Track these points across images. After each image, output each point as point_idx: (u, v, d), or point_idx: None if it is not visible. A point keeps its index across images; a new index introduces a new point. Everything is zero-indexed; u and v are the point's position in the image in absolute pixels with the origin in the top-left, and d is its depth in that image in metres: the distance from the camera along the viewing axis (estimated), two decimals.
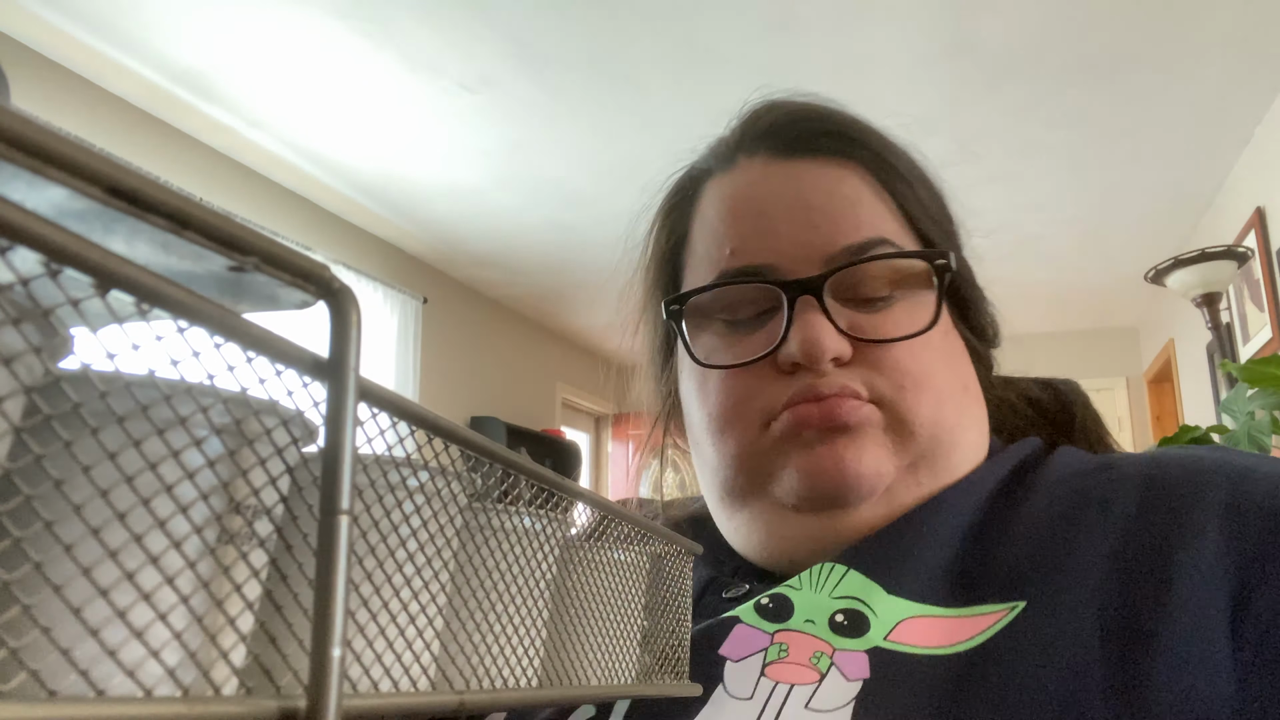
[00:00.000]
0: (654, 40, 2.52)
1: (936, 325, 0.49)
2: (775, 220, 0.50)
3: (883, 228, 0.50)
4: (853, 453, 0.47)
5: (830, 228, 0.49)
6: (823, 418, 0.47)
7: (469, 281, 4.69)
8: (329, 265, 1.23)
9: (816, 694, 0.40)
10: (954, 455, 0.50)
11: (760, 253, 0.50)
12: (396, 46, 2.56)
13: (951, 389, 0.50)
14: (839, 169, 0.51)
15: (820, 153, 0.52)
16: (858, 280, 0.49)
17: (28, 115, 0.14)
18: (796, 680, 0.41)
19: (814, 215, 0.50)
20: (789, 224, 0.50)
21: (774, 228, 0.50)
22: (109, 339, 0.16)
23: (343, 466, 0.19)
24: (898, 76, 2.68)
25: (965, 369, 0.53)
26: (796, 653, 0.42)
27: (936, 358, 0.50)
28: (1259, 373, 1.76)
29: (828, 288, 0.48)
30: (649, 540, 0.40)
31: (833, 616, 0.44)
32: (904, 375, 0.48)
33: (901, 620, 0.42)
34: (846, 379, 0.48)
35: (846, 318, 0.49)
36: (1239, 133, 3.06)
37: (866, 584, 0.45)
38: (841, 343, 0.48)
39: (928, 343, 0.49)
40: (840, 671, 0.41)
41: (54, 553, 0.16)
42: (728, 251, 0.51)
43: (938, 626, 0.41)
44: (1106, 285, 4.66)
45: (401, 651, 0.24)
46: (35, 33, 2.48)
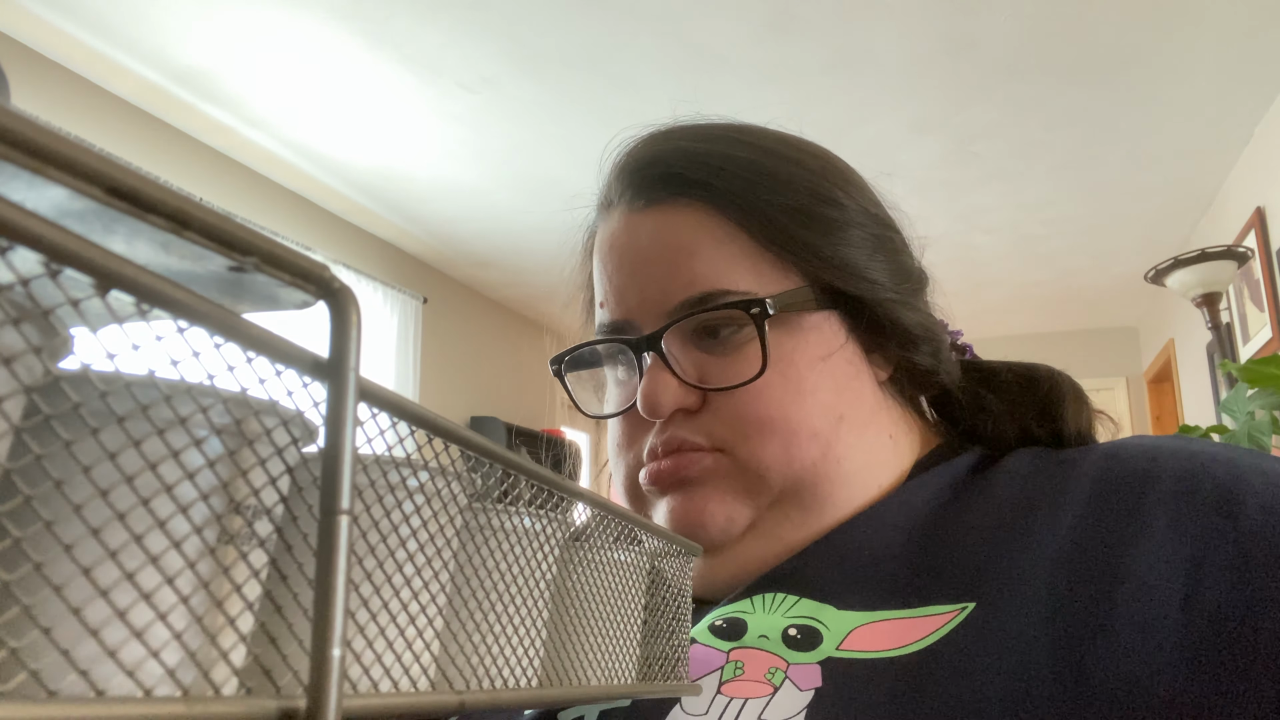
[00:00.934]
0: (654, 40, 2.52)
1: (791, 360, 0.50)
2: (627, 276, 0.53)
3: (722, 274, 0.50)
4: (697, 504, 0.50)
5: (667, 282, 0.51)
6: (668, 473, 0.50)
7: (469, 281, 4.69)
8: (329, 265, 1.23)
9: (769, 706, 0.40)
10: (829, 488, 0.50)
11: (618, 308, 0.54)
12: (396, 46, 2.56)
13: (813, 424, 0.49)
14: (678, 215, 0.52)
15: (664, 201, 0.53)
16: (703, 324, 0.51)
17: (28, 115, 0.14)
18: (751, 694, 0.41)
19: (654, 270, 0.52)
20: (635, 280, 0.53)
21: (626, 284, 0.53)
22: (109, 339, 0.16)
23: (343, 466, 0.19)
24: (898, 76, 2.68)
25: (845, 397, 0.51)
26: (752, 669, 0.43)
27: (791, 395, 0.50)
28: (1259, 373, 1.76)
29: (671, 340, 0.51)
30: (649, 540, 0.40)
31: (786, 631, 0.44)
32: (747, 422, 0.49)
33: (853, 629, 0.43)
34: (688, 432, 0.50)
35: (697, 365, 0.51)
36: (1239, 133, 3.06)
37: (818, 606, 0.45)
38: (684, 395, 0.50)
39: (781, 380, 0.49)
40: (794, 684, 0.41)
41: (54, 553, 0.16)
42: (600, 304, 0.55)
43: (889, 629, 0.42)
44: (1106, 285, 4.66)
45: (401, 651, 0.24)
46: (35, 33, 2.48)
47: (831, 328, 0.52)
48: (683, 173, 0.53)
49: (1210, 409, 3.75)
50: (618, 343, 0.53)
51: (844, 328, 0.53)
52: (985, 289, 4.70)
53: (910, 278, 0.56)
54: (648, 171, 0.54)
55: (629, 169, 0.56)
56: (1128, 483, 0.43)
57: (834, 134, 3.04)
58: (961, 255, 4.20)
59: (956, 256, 4.21)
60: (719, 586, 0.51)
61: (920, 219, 0.64)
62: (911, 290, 0.56)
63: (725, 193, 0.52)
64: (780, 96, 2.77)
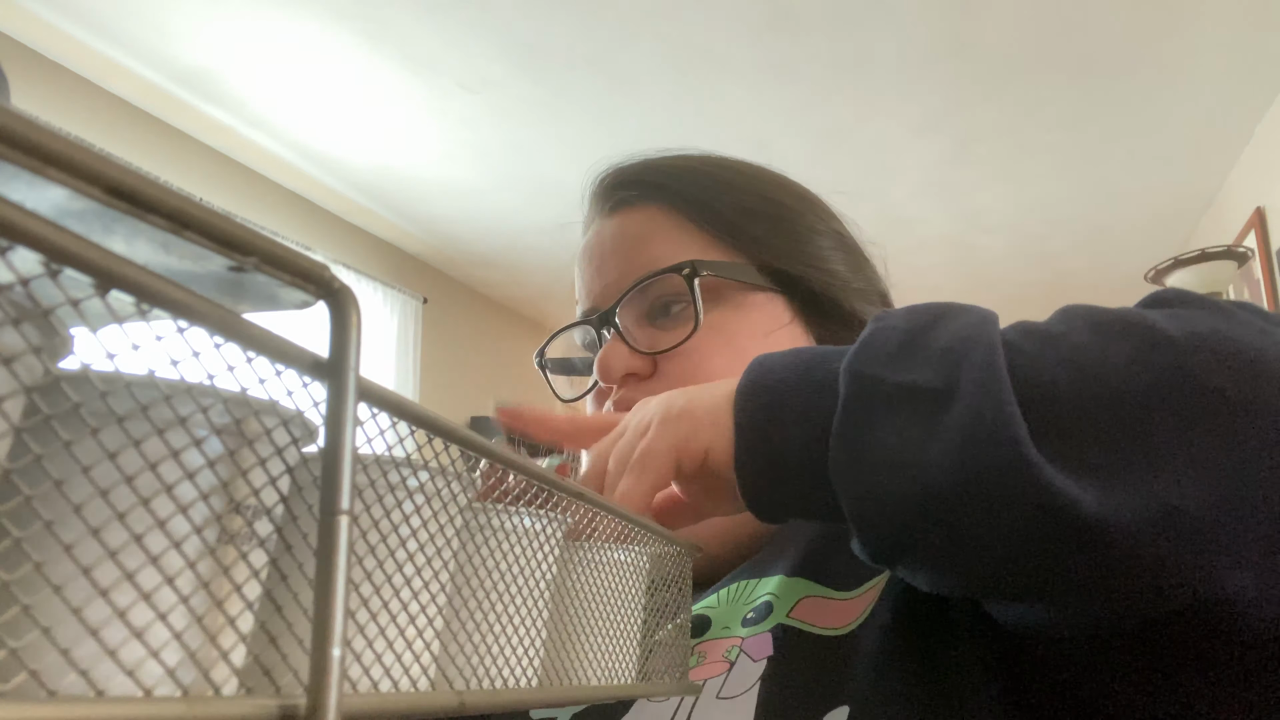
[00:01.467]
0: (654, 40, 2.51)
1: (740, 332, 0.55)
2: (593, 269, 0.61)
3: (673, 254, 0.57)
4: None
5: (625, 268, 0.58)
6: None
7: (469, 281, 4.69)
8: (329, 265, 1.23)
9: (725, 683, 0.43)
10: None
11: (587, 299, 0.61)
12: (396, 46, 2.56)
13: None
14: (637, 213, 0.60)
15: (625, 205, 0.61)
16: (654, 303, 0.57)
17: (28, 115, 0.14)
18: (709, 675, 0.44)
19: (614, 260, 0.59)
20: (599, 270, 0.60)
21: (593, 276, 0.61)
22: (109, 339, 0.16)
23: (343, 466, 0.19)
24: (898, 76, 2.68)
25: None
26: (712, 655, 0.45)
27: (727, 363, 0.54)
28: None
29: (626, 317, 0.57)
30: (649, 540, 0.40)
31: (744, 616, 0.47)
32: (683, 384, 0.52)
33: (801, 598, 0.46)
34: (636, 394, 0.55)
35: (648, 336, 0.57)
36: (1239, 133, 3.05)
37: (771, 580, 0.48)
38: (633, 360, 0.56)
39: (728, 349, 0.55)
40: (748, 655, 0.44)
41: (54, 553, 0.16)
42: (578, 299, 0.63)
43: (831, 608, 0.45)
44: (1107, 285, 4.66)
45: (401, 651, 0.24)
46: (35, 33, 2.48)
47: (775, 308, 0.58)
48: (642, 178, 0.61)
49: None
50: (581, 324, 0.61)
51: (789, 310, 0.58)
52: (985, 289, 4.70)
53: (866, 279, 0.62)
54: (613, 183, 0.63)
55: (600, 186, 0.64)
56: None
57: (834, 134, 3.04)
58: (962, 255, 4.20)
59: (957, 256, 4.21)
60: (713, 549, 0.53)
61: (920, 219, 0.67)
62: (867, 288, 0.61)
63: (679, 193, 0.60)
64: (780, 96, 2.76)
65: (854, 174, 3.33)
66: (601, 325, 0.58)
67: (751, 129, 2.97)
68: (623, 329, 0.57)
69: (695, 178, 0.61)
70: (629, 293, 0.57)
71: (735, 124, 2.93)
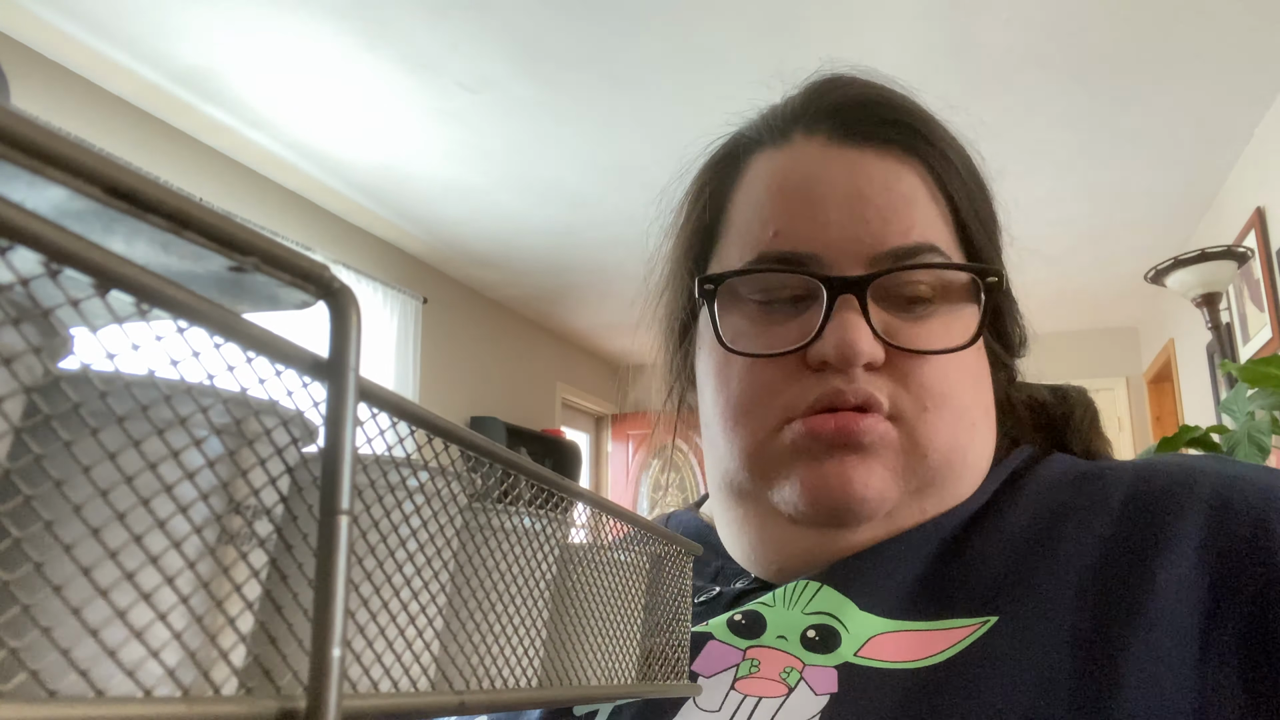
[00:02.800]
0: (654, 40, 2.52)
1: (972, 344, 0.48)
2: (826, 208, 0.48)
3: (935, 233, 0.48)
4: (861, 474, 0.45)
5: (881, 225, 0.47)
6: (838, 433, 0.45)
7: (469, 281, 4.69)
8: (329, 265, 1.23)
9: (784, 707, 0.40)
10: (961, 481, 0.48)
11: (806, 240, 0.47)
12: (396, 46, 2.56)
13: (972, 413, 0.48)
14: (899, 164, 0.49)
15: (883, 143, 0.49)
16: (901, 284, 0.47)
17: (28, 115, 0.14)
18: (765, 694, 0.41)
19: (867, 210, 0.47)
20: (839, 215, 0.47)
21: (824, 216, 0.47)
22: (109, 339, 0.16)
23: (343, 466, 0.19)
24: (898, 76, 2.68)
25: (988, 391, 0.51)
26: (767, 668, 0.42)
27: (965, 378, 0.48)
28: (1259, 373, 1.76)
29: (871, 289, 0.46)
30: (649, 540, 0.40)
31: (804, 632, 0.43)
32: (929, 394, 0.46)
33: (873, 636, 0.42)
34: (874, 387, 0.46)
35: (884, 321, 0.47)
36: (1239, 133, 3.06)
37: (840, 600, 0.45)
38: (876, 347, 0.46)
39: (960, 361, 0.48)
40: (809, 686, 0.40)
41: (54, 553, 0.16)
42: (771, 233, 0.48)
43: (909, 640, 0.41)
44: (1106, 285, 4.66)
45: (401, 652, 0.24)
46: (35, 33, 2.48)
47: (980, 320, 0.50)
48: (907, 122, 0.50)
49: (1210, 409, 3.75)
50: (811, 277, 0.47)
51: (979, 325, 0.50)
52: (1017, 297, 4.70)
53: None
54: (869, 111, 0.51)
55: (840, 101, 0.52)
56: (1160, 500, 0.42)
57: None
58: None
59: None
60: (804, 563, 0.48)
61: None
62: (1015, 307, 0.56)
63: (941, 157, 0.50)
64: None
65: None
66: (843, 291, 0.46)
67: None
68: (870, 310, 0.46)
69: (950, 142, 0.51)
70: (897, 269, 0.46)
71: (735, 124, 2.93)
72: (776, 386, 0.47)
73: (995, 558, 0.44)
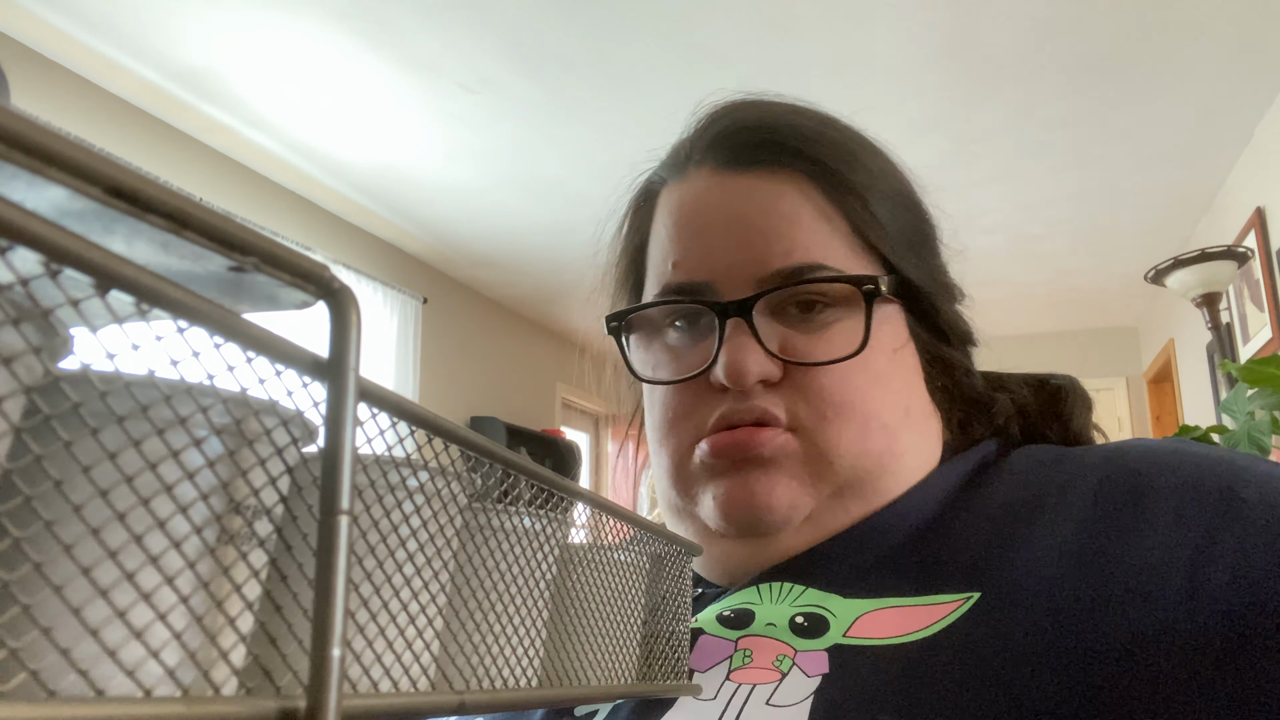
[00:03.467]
0: (654, 40, 2.52)
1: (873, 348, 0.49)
2: (713, 236, 0.50)
3: (820, 248, 0.49)
4: (764, 485, 0.47)
5: (764, 248, 0.49)
6: (736, 448, 0.47)
7: (469, 281, 4.69)
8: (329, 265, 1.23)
9: (777, 691, 0.41)
10: (884, 481, 0.49)
11: (698, 270, 0.50)
12: (396, 46, 2.56)
13: (884, 415, 0.49)
14: (781, 184, 0.50)
15: (764, 165, 0.51)
16: (794, 299, 0.49)
17: (28, 115, 0.14)
18: (759, 681, 0.42)
19: (750, 234, 0.49)
20: (725, 241, 0.50)
21: (712, 244, 0.50)
22: (109, 339, 0.16)
23: (343, 466, 0.19)
24: (898, 76, 2.68)
25: (910, 390, 0.51)
26: (760, 657, 0.43)
27: (870, 382, 0.49)
28: (1259, 373, 1.76)
29: (759, 308, 0.48)
30: (649, 540, 0.40)
31: (793, 619, 0.44)
32: (827, 403, 0.48)
33: (860, 616, 0.43)
34: (769, 403, 0.48)
35: (780, 337, 0.49)
36: (1239, 133, 3.06)
37: (824, 595, 0.46)
38: (769, 365, 0.48)
39: (863, 366, 0.48)
40: (801, 670, 0.41)
41: (54, 553, 0.16)
42: (670, 265, 0.51)
43: (895, 616, 0.42)
44: (1106, 285, 4.66)
45: (401, 652, 0.24)
46: (35, 33, 2.48)
47: (900, 321, 0.52)
48: (785, 142, 0.51)
49: (1210, 409, 3.75)
50: (700, 306, 0.50)
51: (906, 323, 0.52)
52: (985, 289, 4.68)
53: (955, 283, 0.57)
54: (746, 135, 0.53)
55: (723, 130, 0.54)
56: (1133, 480, 0.44)
57: None
58: (961, 255, 4.20)
59: (956, 256, 4.20)
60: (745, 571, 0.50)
61: None
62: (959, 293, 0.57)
63: (825, 169, 0.51)
64: (780, 96, 2.76)
65: None
66: (730, 315, 0.48)
67: None
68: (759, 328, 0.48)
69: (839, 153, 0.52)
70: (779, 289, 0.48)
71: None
72: (688, 409, 0.50)
73: (976, 536, 0.45)
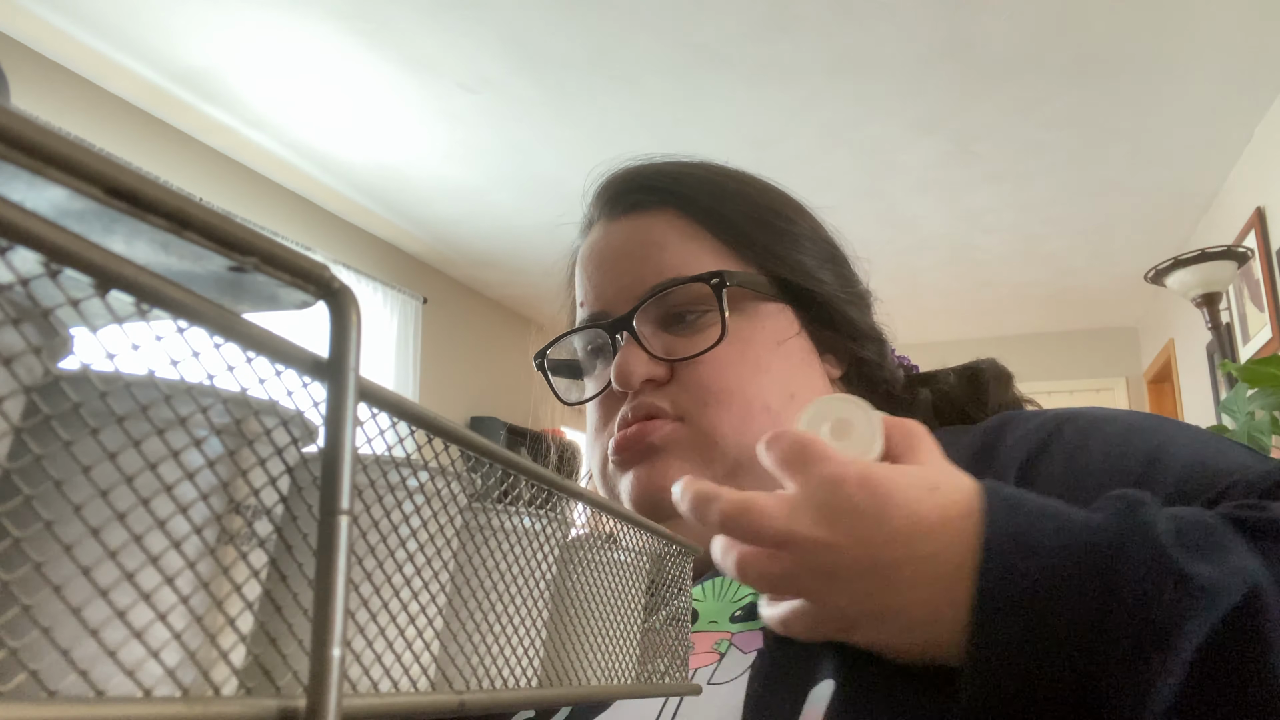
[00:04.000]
0: (653, 40, 2.52)
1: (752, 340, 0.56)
2: (603, 273, 0.61)
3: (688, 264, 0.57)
4: (659, 470, 0.54)
5: (639, 271, 0.58)
6: (630, 441, 0.55)
7: (469, 281, 4.69)
8: (329, 265, 1.23)
9: (716, 670, 0.45)
10: None
11: (595, 302, 0.61)
12: (396, 46, 2.56)
13: (766, 398, 0.55)
14: (652, 218, 0.60)
15: (638, 207, 0.61)
16: (670, 310, 0.57)
17: (28, 115, 0.14)
18: (699, 665, 0.46)
19: (627, 263, 0.59)
20: (611, 275, 0.60)
21: (603, 280, 0.61)
22: (109, 339, 0.16)
23: (343, 466, 0.19)
24: (898, 76, 2.68)
25: (796, 378, 0.57)
26: (702, 645, 0.47)
27: (750, 371, 0.55)
28: (1259, 373, 1.76)
29: (642, 322, 0.57)
30: (649, 540, 0.40)
31: (732, 614, 0.49)
32: (708, 391, 0.55)
33: None
34: (656, 398, 0.56)
35: (665, 343, 0.57)
36: (1239, 133, 3.06)
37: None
38: (653, 366, 0.56)
39: (740, 357, 0.55)
40: (738, 648, 0.46)
41: (54, 553, 0.16)
42: (580, 303, 0.63)
43: None
44: (1106, 285, 4.66)
45: (401, 652, 0.24)
46: (35, 33, 2.48)
47: (786, 319, 0.59)
48: (653, 184, 0.62)
49: (1210, 409, 3.75)
50: (594, 328, 0.60)
51: (797, 321, 0.59)
52: (985, 289, 4.70)
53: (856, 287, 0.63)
54: (621, 187, 0.63)
55: (606, 189, 0.64)
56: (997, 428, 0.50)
57: (834, 134, 3.04)
58: (961, 255, 4.20)
59: (956, 257, 4.21)
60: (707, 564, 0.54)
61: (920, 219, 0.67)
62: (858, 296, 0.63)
63: (690, 199, 0.60)
64: (780, 96, 2.76)
65: (854, 174, 3.33)
66: (616, 330, 0.58)
67: (751, 129, 2.97)
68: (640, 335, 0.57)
69: (705, 186, 0.61)
70: (650, 298, 0.57)
71: (735, 124, 2.93)
72: (603, 421, 0.60)
73: None
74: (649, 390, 0.56)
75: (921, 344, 5.00)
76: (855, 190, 3.44)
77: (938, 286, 4.64)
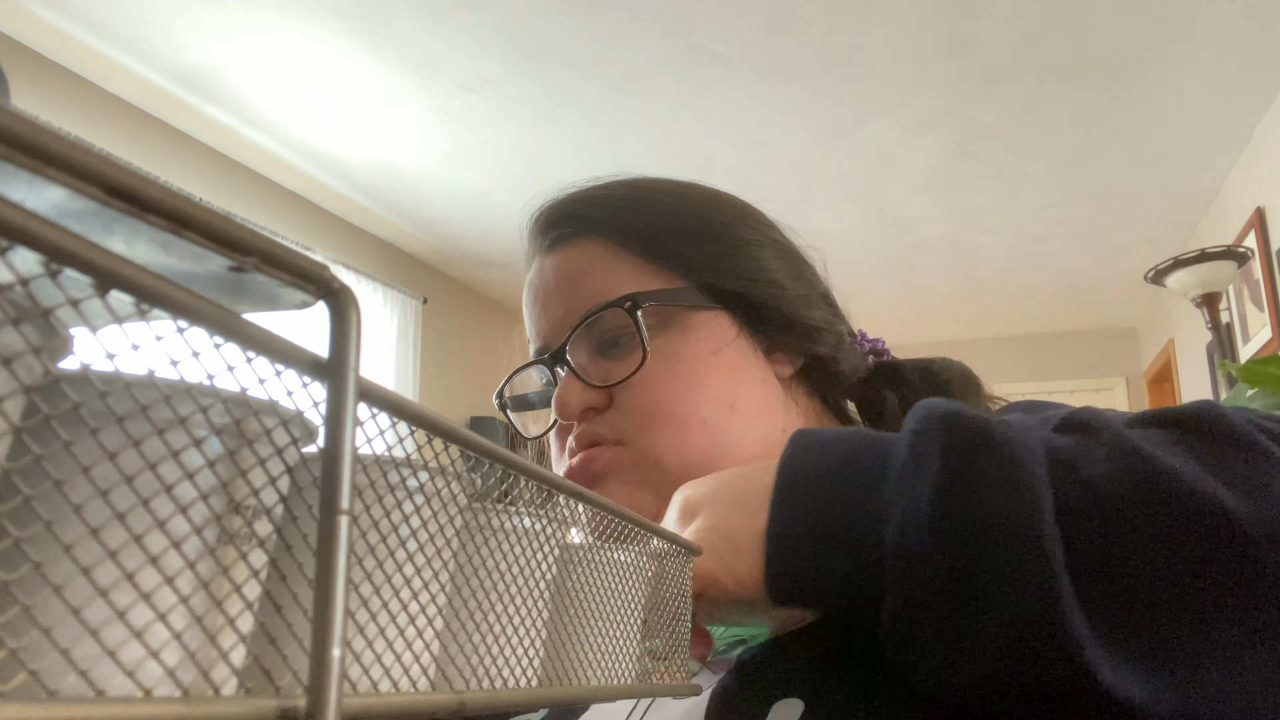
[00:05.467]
0: (654, 41, 2.52)
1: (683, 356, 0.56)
2: (539, 308, 0.62)
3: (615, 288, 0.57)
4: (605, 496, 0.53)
5: (570, 303, 0.59)
6: (576, 472, 0.56)
7: (469, 281, 4.69)
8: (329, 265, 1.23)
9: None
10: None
11: (536, 338, 0.63)
12: (396, 46, 2.56)
13: (703, 413, 0.55)
14: (576, 248, 0.61)
15: (563, 240, 0.62)
16: (602, 336, 0.58)
17: (28, 115, 0.14)
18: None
19: (559, 296, 0.60)
20: (545, 309, 0.61)
21: (540, 314, 0.62)
22: (109, 339, 0.16)
23: (343, 466, 0.19)
24: (898, 76, 2.68)
25: (735, 388, 0.57)
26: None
27: (683, 388, 0.55)
28: (1259, 373, 1.76)
29: (577, 353, 0.58)
30: (649, 540, 0.40)
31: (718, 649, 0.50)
32: (642, 413, 0.55)
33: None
34: (596, 426, 0.57)
35: (603, 371, 0.57)
36: (1239, 133, 3.06)
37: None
38: (589, 394, 0.57)
39: (672, 375, 0.55)
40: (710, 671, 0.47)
41: (54, 553, 0.16)
42: (530, 338, 0.65)
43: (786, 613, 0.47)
44: (1106, 285, 4.66)
45: (401, 652, 0.24)
46: (35, 33, 2.48)
47: (720, 325, 0.58)
48: (575, 213, 0.62)
49: None
50: (535, 363, 0.62)
51: (734, 325, 0.58)
52: (985, 289, 4.70)
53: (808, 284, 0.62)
54: (547, 219, 0.64)
55: (535, 223, 0.65)
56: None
57: (834, 134, 3.04)
58: (961, 256, 4.20)
59: (957, 257, 4.21)
60: None
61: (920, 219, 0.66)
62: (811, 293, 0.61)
63: (612, 224, 0.60)
64: (780, 96, 2.76)
65: (854, 174, 3.33)
66: (554, 364, 0.59)
67: (751, 129, 2.97)
68: (575, 365, 0.58)
69: (626, 205, 0.61)
70: (575, 330, 0.58)
71: (735, 124, 2.93)
72: (558, 450, 0.61)
73: None
74: (590, 418, 0.57)
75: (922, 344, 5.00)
76: (855, 190, 3.44)
77: (937, 287, 4.64)
